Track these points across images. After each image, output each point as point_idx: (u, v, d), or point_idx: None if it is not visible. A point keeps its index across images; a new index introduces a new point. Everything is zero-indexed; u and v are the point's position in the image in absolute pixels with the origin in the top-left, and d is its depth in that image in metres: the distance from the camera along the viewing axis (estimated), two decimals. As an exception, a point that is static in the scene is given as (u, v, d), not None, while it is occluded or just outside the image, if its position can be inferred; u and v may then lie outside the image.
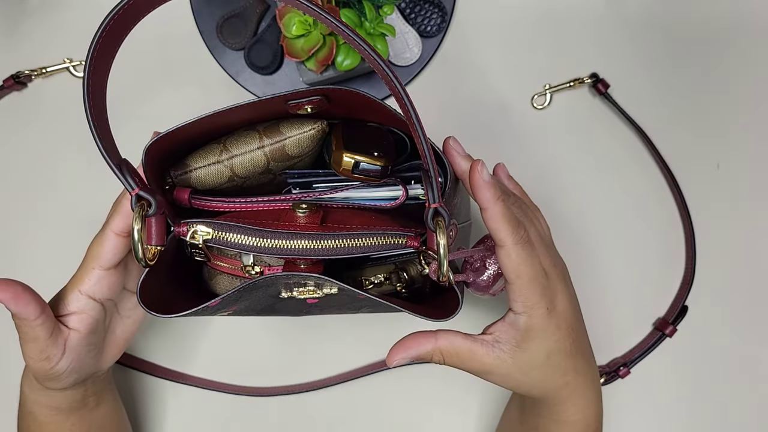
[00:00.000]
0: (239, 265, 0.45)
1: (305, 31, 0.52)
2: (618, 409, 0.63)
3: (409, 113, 0.32)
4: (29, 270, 0.62)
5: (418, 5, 0.61)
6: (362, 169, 0.41)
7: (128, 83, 0.62)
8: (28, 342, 0.43)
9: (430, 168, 0.34)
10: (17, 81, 0.60)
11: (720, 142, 0.63)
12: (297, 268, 0.39)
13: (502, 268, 0.38)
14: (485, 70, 0.63)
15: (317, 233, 0.37)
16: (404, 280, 0.45)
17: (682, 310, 0.61)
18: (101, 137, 0.33)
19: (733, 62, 0.63)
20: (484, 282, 0.40)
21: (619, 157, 0.63)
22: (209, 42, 0.61)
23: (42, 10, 0.62)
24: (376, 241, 0.38)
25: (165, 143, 0.38)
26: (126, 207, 0.42)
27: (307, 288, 0.39)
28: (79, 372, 0.46)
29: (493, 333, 0.40)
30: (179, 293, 0.43)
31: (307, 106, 0.39)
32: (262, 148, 0.41)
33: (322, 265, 0.40)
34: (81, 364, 0.46)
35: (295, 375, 0.63)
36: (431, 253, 0.36)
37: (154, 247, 0.36)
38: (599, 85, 0.61)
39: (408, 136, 0.46)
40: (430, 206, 0.35)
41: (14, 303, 0.40)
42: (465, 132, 0.62)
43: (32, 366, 0.44)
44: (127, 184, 0.34)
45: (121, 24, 0.32)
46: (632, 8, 0.63)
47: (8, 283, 0.41)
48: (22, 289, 0.41)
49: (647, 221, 0.63)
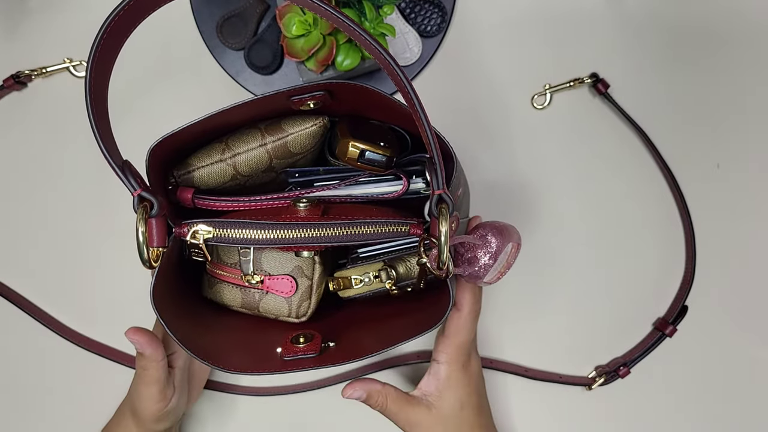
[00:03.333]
0: (239, 273, 0.45)
1: (305, 31, 0.52)
2: (618, 409, 0.63)
3: (412, 100, 0.33)
4: (28, 270, 0.62)
5: (418, 5, 0.61)
6: (367, 158, 0.42)
7: (128, 83, 0.62)
8: (150, 385, 0.45)
9: (434, 155, 0.34)
10: (17, 81, 0.60)
11: (720, 142, 0.63)
12: (296, 348, 0.41)
13: (447, 324, 0.47)
14: (485, 70, 0.63)
15: (319, 222, 0.37)
16: (393, 278, 0.45)
17: (682, 310, 0.61)
18: (103, 138, 0.33)
19: (733, 62, 0.63)
20: (477, 272, 0.41)
21: (619, 157, 0.63)
22: (209, 42, 0.61)
23: (42, 10, 0.62)
24: (378, 229, 0.38)
25: (168, 144, 0.38)
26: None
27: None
28: (176, 413, 0.50)
29: (421, 388, 0.49)
30: (185, 301, 0.43)
31: (310, 101, 0.39)
32: (265, 146, 0.41)
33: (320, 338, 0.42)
34: (179, 405, 0.49)
35: (295, 375, 0.63)
36: (433, 240, 0.36)
37: (157, 248, 0.36)
38: (599, 85, 0.61)
39: (409, 133, 0.46)
40: (434, 193, 0.35)
41: (149, 346, 0.44)
42: (465, 132, 0.63)
43: (150, 408, 0.46)
44: (129, 185, 0.34)
45: (122, 24, 0.32)
46: (632, 8, 0.63)
47: (141, 329, 0.44)
48: (152, 334, 0.44)
49: (647, 221, 0.63)
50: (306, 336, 0.43)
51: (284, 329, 0.45)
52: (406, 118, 0.39)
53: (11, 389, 0.62)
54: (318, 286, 0.45)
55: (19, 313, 0.61)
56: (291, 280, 0.44)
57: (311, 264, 0.45)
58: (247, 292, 0.46)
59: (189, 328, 0.40)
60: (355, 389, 0.48)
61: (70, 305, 0.62)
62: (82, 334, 0.62)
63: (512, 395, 0.62)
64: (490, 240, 0.40)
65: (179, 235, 0.37)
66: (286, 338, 0.43)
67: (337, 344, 0.43)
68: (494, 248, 0.40)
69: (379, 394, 0.48)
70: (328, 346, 0.42)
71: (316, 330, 0.45)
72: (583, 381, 0.62)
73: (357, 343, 0.42)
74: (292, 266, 0.44)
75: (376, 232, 0.38)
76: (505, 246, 0.41)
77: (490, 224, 0.41)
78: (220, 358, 0.40)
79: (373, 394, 0.48)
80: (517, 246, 0.43)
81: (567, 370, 0.63)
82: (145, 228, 0.34)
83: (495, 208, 0.62)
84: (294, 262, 0.44)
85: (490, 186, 0.62)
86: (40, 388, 0.62)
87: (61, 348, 0.61)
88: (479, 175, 0.62)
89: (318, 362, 0.41)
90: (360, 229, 0.38)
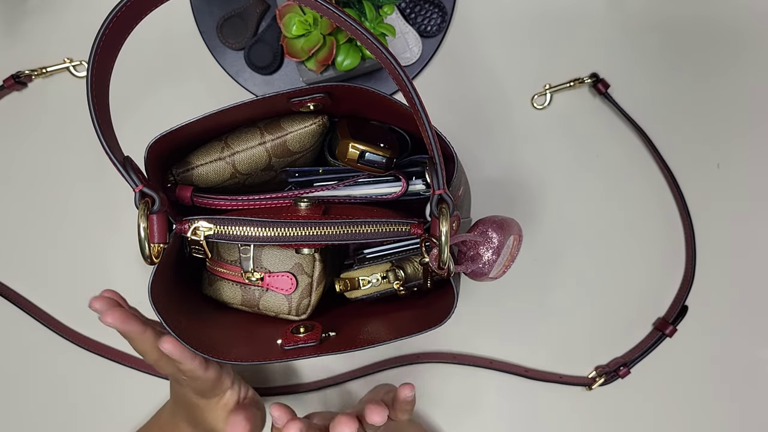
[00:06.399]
0: (239, 271, 0.45)
1: (305, 31, 0.52)
2: (618, 409, 0.63)
3: (413, 100, 0.33)
4: (28, 270, 0.62)
5: (418, 5, 0.61)
6: (367, 159, 0.42)
7: (128, 83, 0.62)
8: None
9: (435, 155, 0.34)
10: (17, 81, 0.60)
11: (720, 142, 0.63)
12: (297, 338, 0.41)
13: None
14: (485, 70, 0.63)
15: (320, 221, 0.37)
16: (401, 278, 0.45)
17: (682, 310, 0.61)
18: (104, 135, 0.33)
19: (733, 62, 0.63)
20: (482, 268, 0.41)
21: (619, 157, 0.63)
22: (209, 42, 0.61)
23: (42, 10, 0.62)
24: (379, 229, 0.38)
25: (167, 141, 0.38)
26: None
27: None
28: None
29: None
30: (185, 298, 0.43)
31: (310, 103, 0.39)
32: (264, 144, 0.41)
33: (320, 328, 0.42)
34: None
35: (296, 375, 0.63)
36: (434, 240, 0.36)
37: (158, 245, 0.36)
38: (599, 85, 0.61)
39: (409, 134, 0.46)
40: (434, 193, 0.35)
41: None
42: (465, 132, 0.63)
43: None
44: (131, 181, 0.34)
45: (123, 22, 0.32)
46: (633, 8, 0.63)
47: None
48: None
49: (647, 221, 0.63)
50: (306, 326, 0.43)
51: (284, 324, 0.45)
52: (406, 118, 0.39)
53: (11, 389, 0.62)
54: (318, 283, 0.45)
55: (20, 313, 0.61)
56: (291, 278, 0.44)
57: (311, 261, 0.45)
58: (246, 290, 0.46)
59: (188, 324, 0.40)
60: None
61: (70, 305, 0.62)
62: (83, 334, 0.62)
63: (512, 395, 0.62)
64: (492, 236, 0.40)
65: (180, 232, 0.37)
66: (286, 330, 0.43)
67: (338, 334, 0.43)
68: (496, 243, 0.40)
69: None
70: (328, 336, 0.42)
71: (318, 323, 0.45)
72: (583, 381, 0.62)
73: (359, 333, 0.42)
74: (292, 263, 0.45)
75: (376, 232, 0.38)
76: (506, 240, 0.40)
77: (490, 219, 0.41)
78: (221, 350, 0.40)
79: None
80: (518, 238, 0.43)
81: (567, 370, 0.63)
82: (147, 224, 0.34)
83: (495, 208, 0.62)
84: (294, 259, 0.45)
85: (490, 186, 0.62)
86: (40, 388, 0.62)
87: (61, 348, 0.61)
88: (479, 175, 0.62)
89: (318, 350, 0.40)
90: (361, 229, 0.38)
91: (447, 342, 0.62)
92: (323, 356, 0.40)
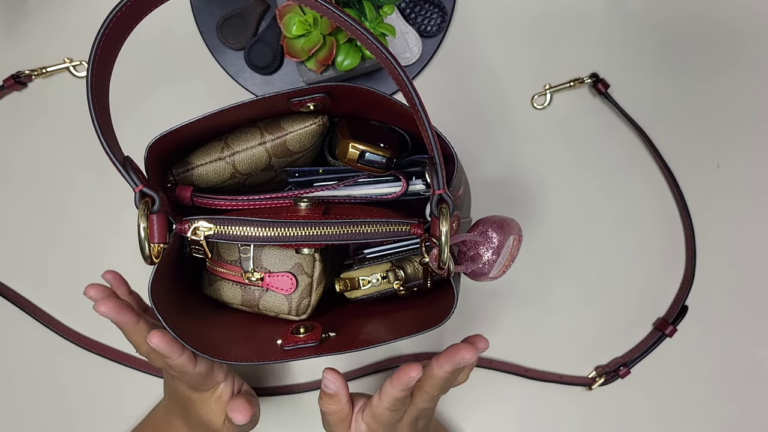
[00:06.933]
0: (239, 271, 0.45)
1: (305, 31, 0.52)
2: (618, 409, 0.63)
3: (413, 99, 0.33)
4: (28, 270, 0.62)
5: (418, 5, 0.61)
6: (367, 159, 0.42)
7: (128, 83, 0.62)
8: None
9: (435, 155, 0.34)
10: (17, 81, 0.60)
11: (720, 142, 0.63)
12: (297, 338, 0.41)
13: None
14: (485, 70, 0.63)
15: (320, 221, 0.37)
16: (401, 278, 0.45)
17: (682, 310, 0.61)
18: (104, 135, 0.33)
19: (733, 62, 0.63)
20: (482, 269, 0.41)
21: (619, 157, 0.63)
22: (209, 42, 0.61)
23: (42, 10, 0.62)
24: (379, 229, 0.38)
25: (167, 141, 0.38)
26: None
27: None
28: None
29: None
30: (185, 298, 0.43)
31: (310, 103, 0.39)
32: (264, 144, 0.41)
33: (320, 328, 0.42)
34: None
35: (295, 375, 0.63)
36: (434, 240, 0.36)
37: (158, 244, 0.36)
38: (599, 85, 0.61)
39: (409, 134, 0.46)
40: (434, 193, 0.35)
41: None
42: (465, 132, 0.63)
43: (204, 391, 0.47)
44: (131, 181, 0.34)
45: (123, 22, 0.32)
46: (632, 8, 0.63)
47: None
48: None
49: (647, 221, 0.63)
50: (306, 327, 0.43)
51: (284, 324, 0.45)
52: (406, 118, 0.39)
53: (11, 389, 0.62)
54: (318, 283, 0.45)
55: (20, 313, 0.61)
56: (291, 278, 0.44)
57: (311, 261, 0.45)
58: (246, 290, 0.46)
59: (188, 324, 0.40)
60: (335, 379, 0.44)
61: (70, 305, 0.62)
62: (83, 334, 0.62)
63: (512, 395, 0.62)
64: (491, 236, 0.40)
65: (180, 232, 0.37)
66: (286, 330, 0.43)
67: (338, 334, 0.43)
68: (496, 243, 0.40)
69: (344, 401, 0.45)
70: (328, 336, 0.42)
71: (318, 324, 0.45)
72: (583, 381, 0.62)
73: (359, 333, 0.42)
74: (292, 263, 0.45)
75: (376, 232, 0.38)
76: (506, 240, 0.40)
77: (490, 219, 0.41)
78: (221, 350, 0.40)
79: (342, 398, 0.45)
80: (518, 238, 0.43)
81: (567, 370, 0.63)
82: (147, 224, 0.34)
83: (495, 208, 0.62)
84: (294, 259, 0.45)
85: (490, 186, 0.62)
86: (40, 388, 0.62)
87: (61, 348, 0.61)
88: (479, 175, 0.62)
89: (318, 350, 0.40)
90: (361, 229, 0.38)
91: (447, 342, 0.62)
92: (323, 357, 0.40)
